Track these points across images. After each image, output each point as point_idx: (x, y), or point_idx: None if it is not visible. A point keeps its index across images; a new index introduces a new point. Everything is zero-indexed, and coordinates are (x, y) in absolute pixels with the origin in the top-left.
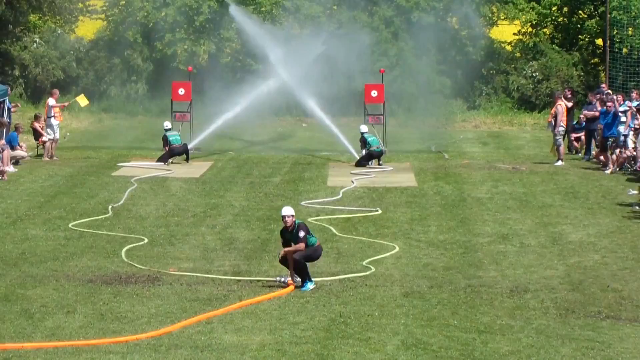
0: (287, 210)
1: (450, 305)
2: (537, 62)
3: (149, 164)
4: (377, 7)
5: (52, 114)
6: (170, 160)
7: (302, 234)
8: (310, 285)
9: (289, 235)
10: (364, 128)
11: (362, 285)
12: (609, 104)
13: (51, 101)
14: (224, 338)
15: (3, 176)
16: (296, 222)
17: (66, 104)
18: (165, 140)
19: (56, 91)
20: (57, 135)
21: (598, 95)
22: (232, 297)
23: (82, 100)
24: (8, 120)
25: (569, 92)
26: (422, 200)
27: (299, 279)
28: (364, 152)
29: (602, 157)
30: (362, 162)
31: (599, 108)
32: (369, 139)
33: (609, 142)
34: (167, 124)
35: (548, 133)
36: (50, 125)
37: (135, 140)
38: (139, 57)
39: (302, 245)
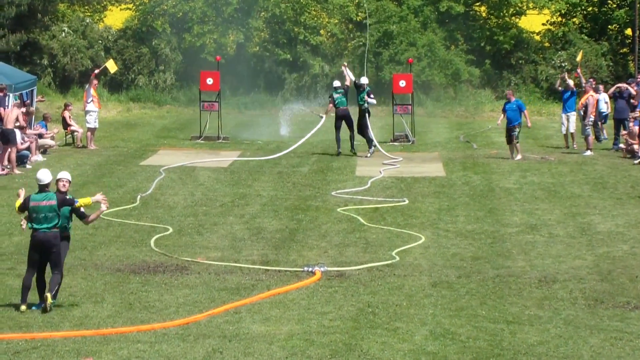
0: (65, 175)
1: (478, 296)
2: (566, 52)
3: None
4: None
5: (91, 99)
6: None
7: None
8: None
9: (68, 202)
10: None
11: (390, 275)
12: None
13: (89, 90)
14: (251, 328)
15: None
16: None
17: (97, 71)
18: (332, 99)
19: (95, 81)
20: (96, 125)
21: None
22: (260, 287)
23: (112, 67)
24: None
25: (594, 83)
26: (450, 190)
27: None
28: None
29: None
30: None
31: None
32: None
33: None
34: (336, 83)
35: (576, 122)
36: (89, 113)
37: (164, 130)
38: (167, 47)
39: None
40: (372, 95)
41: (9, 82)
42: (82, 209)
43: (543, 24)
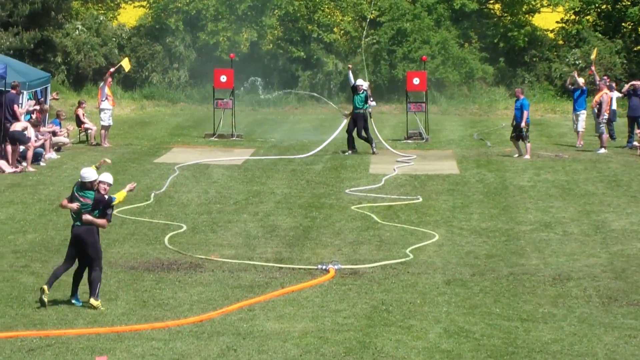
0: (106, 177)
1: (492, 293)
2: (580, 49)
3: None
4: None
5: (105, 97)
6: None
7: (110, 211)
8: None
9: (102, 204)
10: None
11: (404, 273)
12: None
13: (104, 88)
14: (265, 325)
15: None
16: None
17: (112, 69)
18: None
19: (110, 79)
20: (110, 122)
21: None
22: (274, 284)
23: (127, 65)
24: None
25: (608, 80)
26: (464, 188)
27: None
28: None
29: None
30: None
31: None
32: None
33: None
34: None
35: (591, 120)
36: (103, 111)
37: (177, 127)
38: (181, 45)
39: (106, 223)
40: (371, 98)
41: (23, 80)
42: (110, 211)
43: (557, 22)
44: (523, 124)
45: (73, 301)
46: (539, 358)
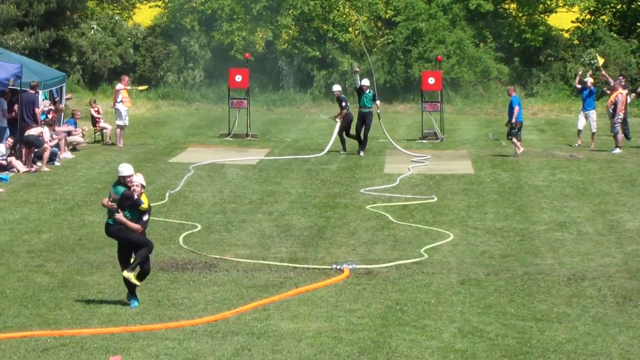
0: (137, 179)
1: (507, 293)
2: (595, 49)
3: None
4: None
5: (120, 99)
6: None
7: (146, 217)
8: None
9: (128, 202)
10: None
11: (418, 273)
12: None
13: (119, 86)
14: (280, 325)
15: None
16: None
17: (129, 87)
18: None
19: (125, 76)
20: (126, 122)
21: None
22: (288, 284)
23: (142, 88)
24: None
25: (623, 80)
26: (479, 187)
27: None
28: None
29: None
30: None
31: None
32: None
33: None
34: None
35: (606, 120)
36: (118, 111)
37: (192, 127)
38: (196, 44)
39: (140, 228)
40: (376, 96)
41: (38, 80)
42: (145, 217)
43: (572, 22)
44: (513, 120)
45: (131, 303)
46: (553, 358)
